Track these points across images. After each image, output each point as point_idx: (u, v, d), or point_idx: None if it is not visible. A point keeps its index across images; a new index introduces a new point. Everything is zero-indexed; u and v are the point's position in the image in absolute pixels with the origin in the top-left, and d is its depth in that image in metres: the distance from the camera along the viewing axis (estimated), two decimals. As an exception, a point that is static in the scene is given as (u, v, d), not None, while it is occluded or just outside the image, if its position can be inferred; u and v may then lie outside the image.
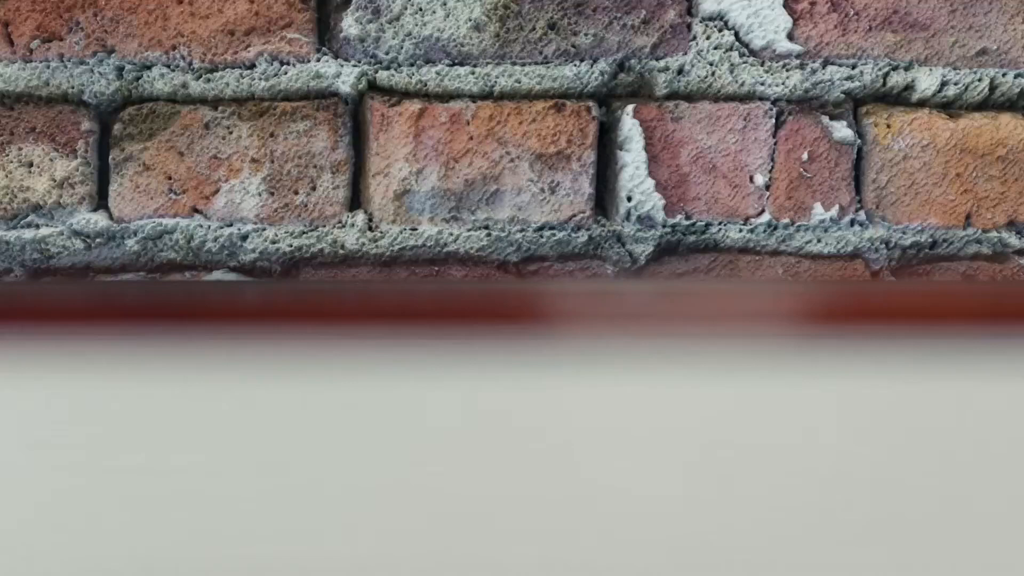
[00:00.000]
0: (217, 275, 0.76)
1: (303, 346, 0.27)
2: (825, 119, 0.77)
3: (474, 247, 0.76)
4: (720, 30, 0.76)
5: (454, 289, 0.30)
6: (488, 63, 0.76)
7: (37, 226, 0.74)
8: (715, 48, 0.76)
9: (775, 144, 0.77)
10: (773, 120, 0.76)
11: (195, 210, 0.74)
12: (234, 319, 0.27)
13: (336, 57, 0.75)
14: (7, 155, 0.74)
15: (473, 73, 0.76)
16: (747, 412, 0.29)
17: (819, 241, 0.75)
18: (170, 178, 0.74)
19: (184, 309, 0.27)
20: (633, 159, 0.76)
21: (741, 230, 0.76)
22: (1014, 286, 0.32)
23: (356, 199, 0.76)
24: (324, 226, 0.75)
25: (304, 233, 0.75)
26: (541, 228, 0.76)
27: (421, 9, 0.74)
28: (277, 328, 0.27)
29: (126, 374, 0.27)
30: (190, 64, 0.75)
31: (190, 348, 0.27)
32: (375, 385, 0.27)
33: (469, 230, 0.76)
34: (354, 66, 0.75)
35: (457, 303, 0.29)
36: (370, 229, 0.75)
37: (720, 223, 0.76)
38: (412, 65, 0.75)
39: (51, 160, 0.75)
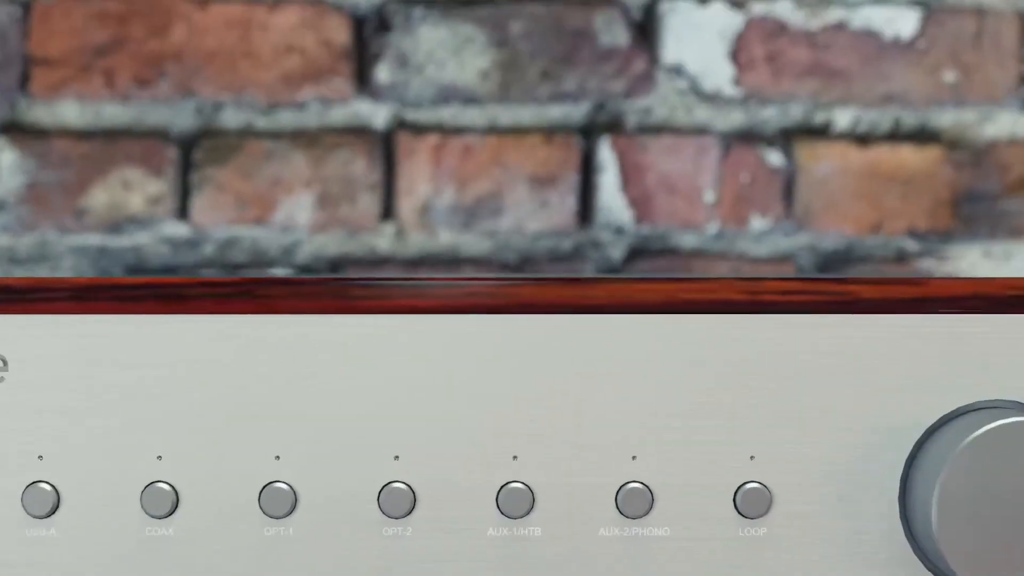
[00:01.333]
0: (276, 272, 0.96)
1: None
2: (762, 149, 0.96)
3: (482, 251, 0.95)
4: (678, 77, 0.96)
5: (467, 282, 0.50)
6: (493, 104, 0.95)
7: (133, 234, 0.95)
8: (674, 92, 0.95)
9: (722, 169, 0.96)
10: (720, 150, 0.96)
11: (259, 221, 0.94)
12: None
13: (371, 99, 0.95)
14: (110, 177, 0.95)
15: (481, 112, 0.94)
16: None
17: (757, 246, 0.96)
18: (239, 196, 0.95)
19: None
20: (609, 181, 0.96)
21: (694, 237, 0.96)
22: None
23: (388, 212, 0.94)
24: (362, 234, 0.94)
25: (346, 239, 0.95)
26: (536, 235, 0.95)
27: (440, 61, 0.95)
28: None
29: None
30: (255, 105, 0.95)
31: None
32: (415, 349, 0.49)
33: (478, 237, 0.95)
34: (386, 106, 0.95)
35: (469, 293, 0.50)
36: (399, 236, 0.94)
37: (678, 231, 0.96)
38: (432, 106, 0.95)
39: (145, 181, 0.95)
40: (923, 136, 0.96)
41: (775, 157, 0.96)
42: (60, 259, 0.95)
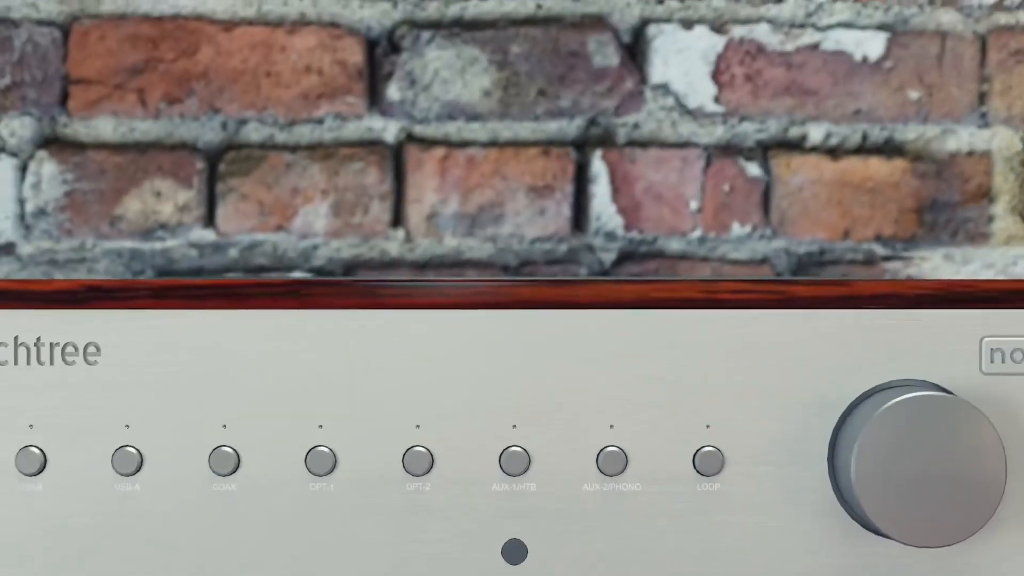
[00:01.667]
0: (297, 274, 1.03)
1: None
2: (742, 161, 1.00)
3: (484, 255, 1.01)
4: (665, 95, 1.00)
5: (471, 283, 0.61)
6: (494, 120, 1.00)
7: (164, 239, 1.00)
8: (661, 108, 1.00)
9: (705, 179, 1.01)
10: (703, 162, 1.00)
11: (280, 227, 1.00)
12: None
13: (383, 115, 1.00)
14: (143, 187, 0.99)
15: (483, 127, 1.00)
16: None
17: (737, 250, 1.01)
18: (261, 204, 1.00)
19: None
20: (601, 190, 1.00)
21: (680, 242, 1.00)
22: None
23: (397, 219, 1.00)
24: (374, 239, 1.00)
25: (359, 244, 1.00)
26: (533, 241, 1.00)
27: (445, 80, 1.00)
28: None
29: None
30: (276, 120, 1.00)
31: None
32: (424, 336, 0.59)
33: (481, 242, 1.00)
34: (396, 122, 1.00)
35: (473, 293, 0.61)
36: (408, 241, 1.00)
37: (664, 237, 1.01)
38: (439, 121, 1.00)
39: (174, 191, 1.00)
40: (889, 149, 1.02)
41: (754, 169, 1.02)
42: (96, 262, 1.00)
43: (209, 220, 1.02)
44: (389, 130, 1.02)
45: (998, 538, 0.56)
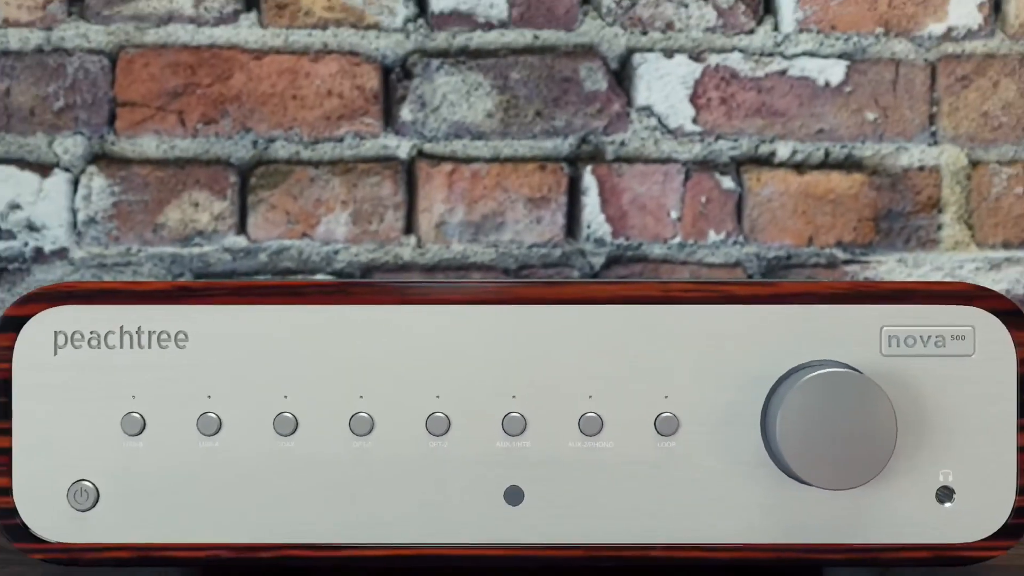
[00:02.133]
0: (319, 277, 1.09)
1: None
2: (717, 175, 1.08)
3: (487, 258, 1.08)
4: (648, 116, 1.08)
5: (475, 283, 0.68)
6: (496, 138, 1.08)
7: (201, 245, 1.08)
8: (645, 128, 1.08)
9: (684, 191, 1.09)
10: (683, 176, 1.09)
11: (304, 234, 1.08)
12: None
13: (397, 134, 1.08)
14: (182, 198, 1.08)
15: (486, 145, 1.08)
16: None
17: (713, 255, 1.09)
18: (288, 213, 1.08)
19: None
20: (591, 201, 1.08)
21: (662, 248, 1.09)
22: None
23: (409, 227, 1.08)
24: (389, 245, 1.08)
25: (376, 249, 1.09)
26: (531, 246, 1.08)
27: (452, 103, 1.08)
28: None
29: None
30: (301, 139, 1.08)
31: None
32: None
33: (484, 247, 1.08)
34: (408, 140, 1.08)
35: (479, 291, 0.69)
36: (419, 247, 1.08)
37: (648, 243, 1.09)
38: (446, 140, 1.08)
39: (210, 202, 1.08)
40: (849, 164, 1.09)
41: (728, 182, 1.09)
42: (140, 265, 1.08)
43: (241, 228, 1.09)
44: (402, 147, 1.09)
45: (889, 483, 0.70)
